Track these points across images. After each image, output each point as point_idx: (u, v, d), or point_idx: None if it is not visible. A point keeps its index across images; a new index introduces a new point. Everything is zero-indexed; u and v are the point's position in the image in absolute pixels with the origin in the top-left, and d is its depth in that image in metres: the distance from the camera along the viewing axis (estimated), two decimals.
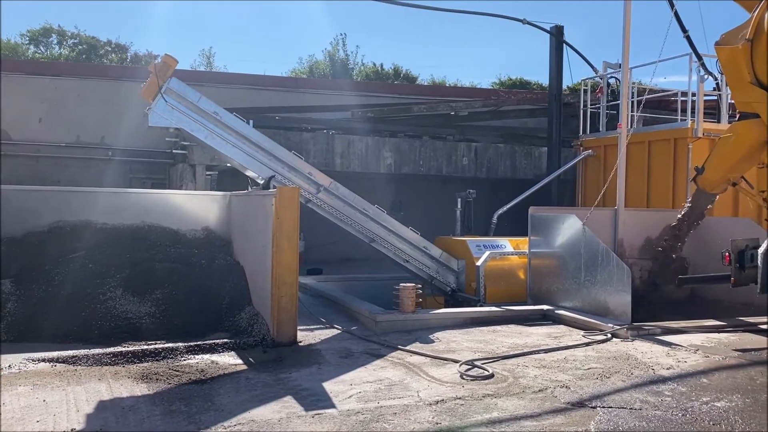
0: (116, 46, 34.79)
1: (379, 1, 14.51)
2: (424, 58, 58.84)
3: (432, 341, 7.28)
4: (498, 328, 8.08)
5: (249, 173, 9.04)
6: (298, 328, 7.33)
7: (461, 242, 10.66)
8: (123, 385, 5.47)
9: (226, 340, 6.97)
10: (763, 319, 7.75)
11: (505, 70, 58.83)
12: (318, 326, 8.02)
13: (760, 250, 6.75)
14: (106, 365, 6.06)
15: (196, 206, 9.54)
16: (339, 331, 7.80)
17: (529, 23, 15.13)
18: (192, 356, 6.47)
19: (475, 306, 9.35)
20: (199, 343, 6.80)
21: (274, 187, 8.16)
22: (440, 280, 10.37)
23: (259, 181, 8.87)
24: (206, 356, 6.49)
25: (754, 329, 7.78)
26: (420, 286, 8.64)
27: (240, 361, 6.36)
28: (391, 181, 16.45)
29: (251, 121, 9.18)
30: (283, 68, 57.75)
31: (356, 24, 56.51)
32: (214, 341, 6.90)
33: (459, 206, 12.37)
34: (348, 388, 5.44)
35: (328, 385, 5.52)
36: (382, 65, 34.88)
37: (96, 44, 34.02)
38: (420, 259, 10.21)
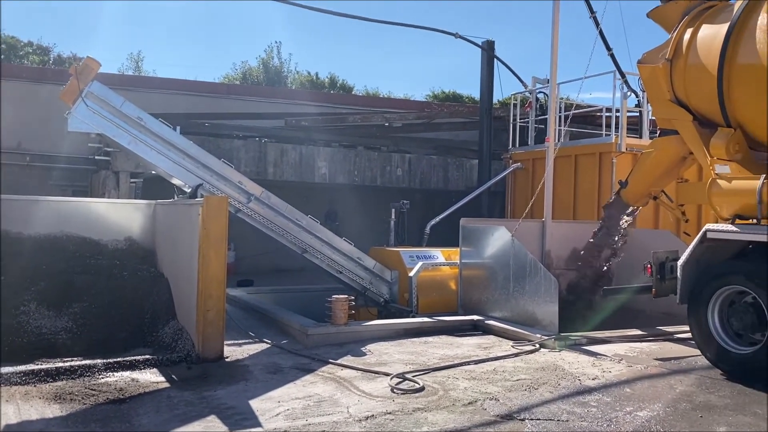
0: (38, 47, 33.23)
1: (320, 11, 14.39)
2: (358, 69, 59.08)
3: (364, 354, 7.19)
4: (430, 339, 8.08)
5: (175, 181, 8.75)
6: (226, 342, 7.10)
7: (395, 253, 10.64)
8: (33, 406, 5.13)
9: (147, 357, 6.67)
10: (682, 328, 8.04)
11: (438, 83, 59.64)
12: (246, 341, 7.80)
13: (679, 262, 6.99)
14: (16, 385, 5.68)
15: (119, 215, 9.15)
16: (268, 346, 7.61)
17: (461, 37, 15.37)
18: (111, 374, 6.16)
19: (407, 317, 9.33)
20: (118, 359, 6.48)
21: (202, 196, 7.92)
22: (374, 291, 10.31)
23: (186, 189, 8.59)
24: (126, 374, 6.19)
25: (673, 338, 8.08)
26: (353, 297, 8.56)
27: (162, 379, 6.09)
28: (325, 191, 16.32)
29: (178, 128, 8.91)
30: (216, 74, 56.69)
31: (291, 32, 56.15)
32: (134, 358, 6.59)
33: (393, 217, 12.37)
34: (275, 406, 5.28)
35: (255, 403, 5.35)
36: (317, 74, 34.70)
37: (16, 44, 32.40)
38: (353, 270, 10.12)
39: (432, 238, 12.58)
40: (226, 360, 6.87)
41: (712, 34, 7.29)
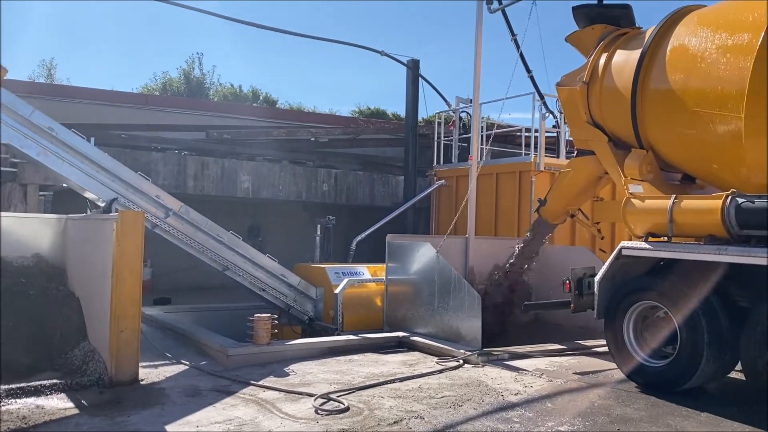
0: None
1: (244, 23, 14.16)
2: (282, 82, 58.54)
3: (287, 374, 7.02)
4: (355, 357, 7.99)
5: (88, 195, 8.33)
6: (141, 364, 6.76)
7: (320, 269, 10.52)
8: None
9: (55, 381, 6.24)
10: (599, 341, 8.32)
11: (364, 99, 60.05)
12: (163, 362, 7.45)
13: (596, 278, 7.24)
14: None
15: (26, 230, 8.57)
16: (186, 367, 7.30)
17: (386, 55, 15.50)
18: (13, 401, 5.73)
19: (332, 335, 9.21)
20: (22, 385, 6.04)
21: (117, 210, 7.55)
22: (298, 308, 10.14)
23: (99, 203, 8.19)
24: (30, 400, 5.78)
25: (590, 352, 8.33)
26: (276, 315, 8.37)
27: (71, 405, 5.72)
28: (249, 206, 15.99)
29: (93, 139, 8.50)
30: (134, 84, 54.81)
31: (214, 43, 55.15)
32: (40, 383, 6.15)
33: (318, 232, 12.25)
34: (194, 431, 5.04)
35: (172, 428, 5.10)
36: (240, 87, 34.16)
37: None
38: (277, 287, 9.93)
39: (358, 255, 12.53)
40: (141, 383, 6.54)
41: (625, 60, 7.64)
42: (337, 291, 9.73)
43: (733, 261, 5.90)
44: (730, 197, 5.96)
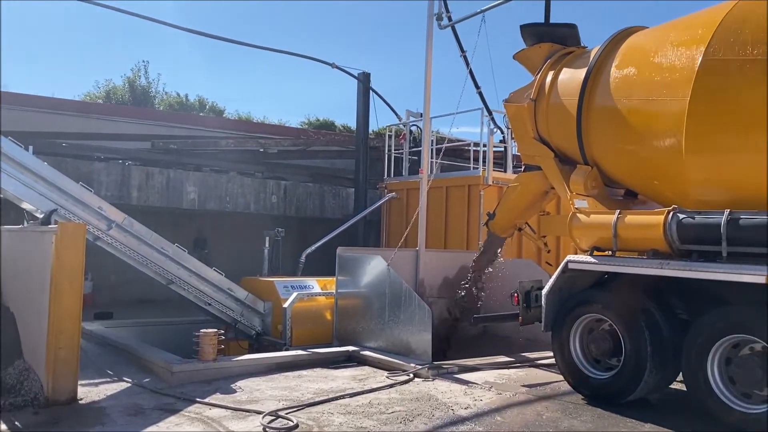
0: None
1: (190, 31, 13.92)
2: (230, 91, 57.74)
3: (234, 391, 6.85)
4: (304, 372, 7.87)
5: (26, 206, 7.98)
6: (80, 382, 6.50)
7: (268, 283, 10.36)
8: None
9: None
10: (546, 353, 8.44)
11: (314, 110, 59.87)
12: (104, 380, 7.18)
13: (544, 291, 7.35)
14: None
15: None
16: (129, 385, 7.04)
17: (337, 68, 15.49)
18: None
19: (281, 350, 9.07)
20: None
21: (56, 222, 7.26)
22: (245, 323, 9.94)
23: (37, 215, 7.85)
24: None
25: (538, 365, 8.44)
26: (223, 330, 8.18)
27: (4, 428, 5.43)
28: (195, 218, 15.66)
29: (31, 147, 8.15)
30: (76, 92, 53.19)
31: (159, 51, 54.05)
32: None
33: (267, 245, 12.06)
34: None
35: None
36: (187, 96, 33.56)
37: None
38: (224, 301, 9.72)
39: (308, 268, 12.41)
40: (80, 402, 6.27)
41: (571, 78, 7.83)
42: (285, 305, 9.59)
43: (675, 275, 6.08)
44: (671, 213, 6.15)
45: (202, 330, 7.76)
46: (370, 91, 15.60)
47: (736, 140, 5.94)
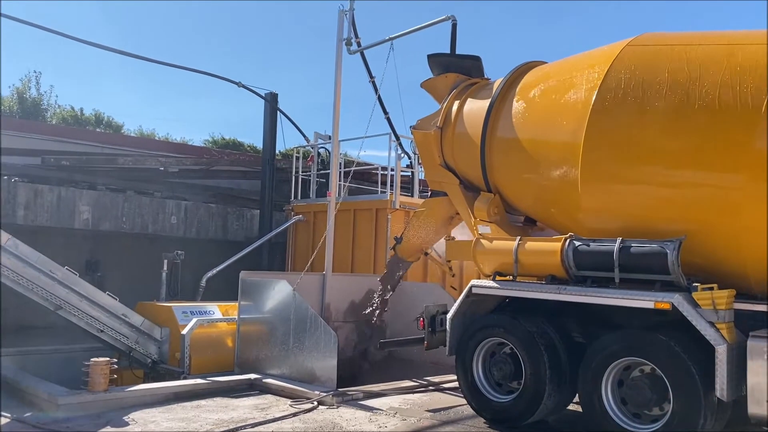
0: None
1: (90, 45, 13.25)
2: (129, 107, 55.63)
3: (126, 424, 6.46)
4: (203, 402, 7.55)
5: None
6: None
7: (166, 308, 9.92)
8: None
9: None
10: (450, 377, 8.54)
11: (219, 129, 58.62)
12: None
13: (448, 315, 7.46)
14: None
15: None
16: (7, 420, 6.47)
17: (244, 87, 15.24)
18: None
19: (178, 379, 8.66)
20: None
21: None
22: (140, 351, 9.44)
23: None
24: None
25: (442, 389, 8.52)
26: (115, 359, 7.72)
27: None
28: (88, 239, 14.77)
29: None
30: None
31: (51, 62, 51.24)
32: None
33: (165, 268, 11.56)
34: None
35: None
36: (82, 110, 31.90)
37: None
38: (117, 328, 9.20)
39: (208, 292, 11.99)
40: None
41: (476, 108, 8.08)
42: (184, 331, 9.20)
43: (571, 299, 6.34)
44: (568, 240, 6.42)
45: (92, 359, 7.30)
46: (278, 112, 15.43)
47: (628, 172, 6.30)
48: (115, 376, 7.54)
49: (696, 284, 5.58)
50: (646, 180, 6.15)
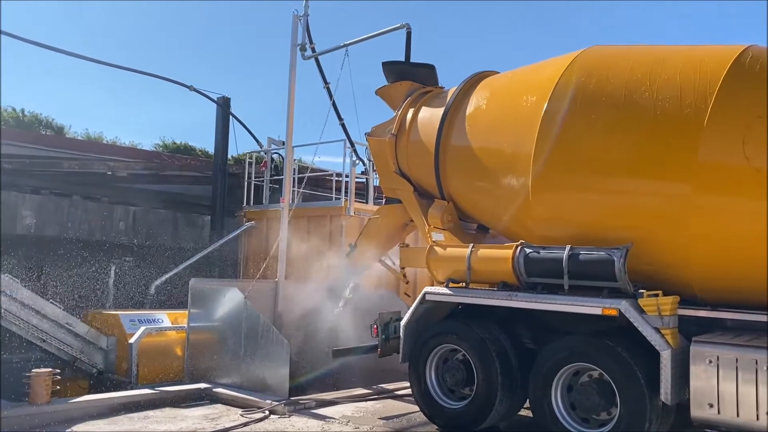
0: None
1: (34, 44, 12.80)
2: (75, 109, 53.88)
3: None
4: (151, 413, 7.36)
5: None
6: None
7: (113, 317, 9.66)
8: None
9: None
10: (403, 384, 8.54)
11: (170, 133, 57.39)
12: None
13: (402, 322, 7.47)
14: None
15: None
16: None
17: (196, 90, 15.00)
18: None
19: (126, 389, 8.42)
20: None
21: None
22: (85, 360, 9.17)
23: None
24: None
25: (395, 396, 8.51)
26: (59, 370, 7.46)
27: None
28: (30, 245, 14.25)
29: None
30: None
31: None
32: None
33: (112, 275, 11.26)
34: None
35: None
36: (23, 110, 30.77)
37: None
38: (61, 337, 8.91)
39: (158, 300, 11.71)
40: None
41: (429, 117, 8.14)
42: (131, 340, 8.97)
43: (521, 306, 6.43)
44: (519, 248, 6.52)
45: (34, 370, 7.05)
46: (230, 116, 15.24)
47: (577, 181, 6.43)
48: (59, 387, 7.29)
49: (642, 291, 5.74)
50: (595, 189, 6.28)
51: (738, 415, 5.24)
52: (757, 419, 5.15)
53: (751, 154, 5.39)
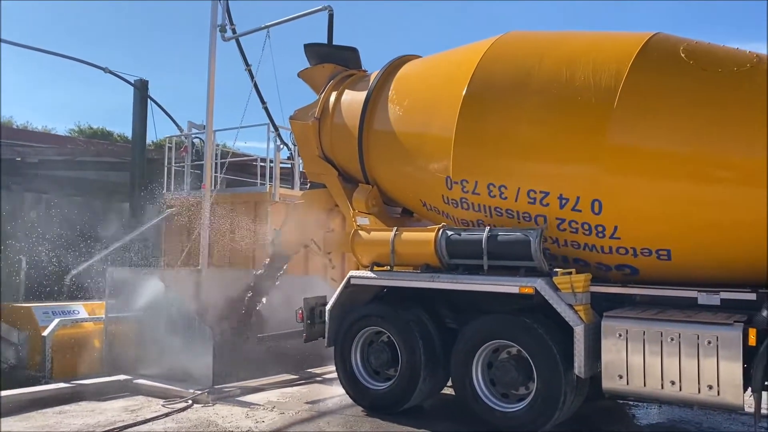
0: None
1: None
2: None
3: None
4: (67, 407, 7.09)
5: None
6: None
7: (25, 309, 9.24)
8: None
9: None
10: (330, 368, 8.55)
11: (86, 118, 54.93)
12: None
13: (327, 306, 7.47)
14: None
15: None
16: None
17: (111, 72, 14.41)
18: None
19: (39, 384, 8.06)
20: None
21: None
22: None
23: None
24: None
25: (321, 380, 8.53)
26: None
27: None
28: None
29: None
30: None
31: None
32: None
33: (24, 266, 10.72)
34: None
35: None
36: None
37: None
38: None
39: (74, 290, 11.24)
40: None
41: (352, 100, 8.11)
42: (45, 333, 8.60)
43: (443, 287, 6.56)
44: (441, 230, 6.62)
45: None
46: (149, 100, 14.72)
47: (497, 165, 6.57)
48: None
49: (556, 270, 5.95)
50: (514, 172, 6.43)
51: (645, 385, 5.55)
52: (662, 388, 5.47)
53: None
